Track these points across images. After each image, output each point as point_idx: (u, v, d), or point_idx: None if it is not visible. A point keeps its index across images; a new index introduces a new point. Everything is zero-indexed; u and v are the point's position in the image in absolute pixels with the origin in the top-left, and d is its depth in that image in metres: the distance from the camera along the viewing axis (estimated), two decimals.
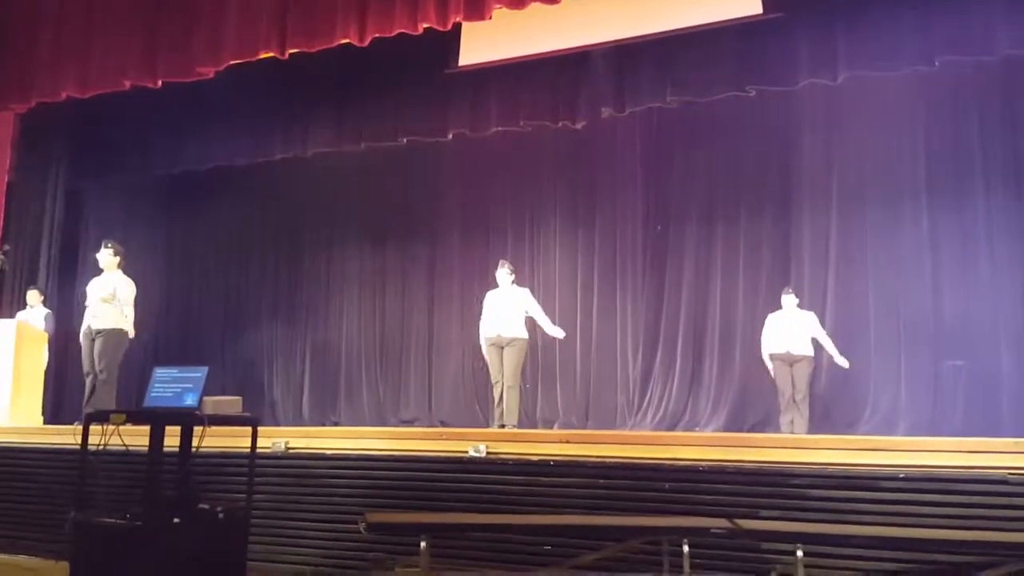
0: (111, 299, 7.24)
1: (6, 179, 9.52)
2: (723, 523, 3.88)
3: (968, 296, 7.69)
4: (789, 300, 7.75)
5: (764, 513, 4.22)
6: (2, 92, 8.25)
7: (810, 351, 7.63)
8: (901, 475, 4.12)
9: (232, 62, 7.31)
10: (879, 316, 8.06)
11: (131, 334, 7.39)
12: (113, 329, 7.24)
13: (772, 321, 7.83)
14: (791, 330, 7.68)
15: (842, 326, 8.19)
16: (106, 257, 7.40)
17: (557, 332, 7.78)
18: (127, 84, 7.68)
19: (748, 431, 8.02)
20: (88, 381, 7.28)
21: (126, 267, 7.57)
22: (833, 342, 7.84)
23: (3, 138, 9.48)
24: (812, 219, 8.48)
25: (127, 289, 7.37)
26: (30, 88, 8.06)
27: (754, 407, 8.32)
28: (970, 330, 7.58)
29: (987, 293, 7.61)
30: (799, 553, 3.63)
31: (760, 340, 7.86)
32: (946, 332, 7.74)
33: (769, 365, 7.77)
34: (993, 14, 6.29)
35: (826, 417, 7.91)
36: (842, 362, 7.61)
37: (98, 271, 7.53)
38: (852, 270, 8.26)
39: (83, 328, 7.38)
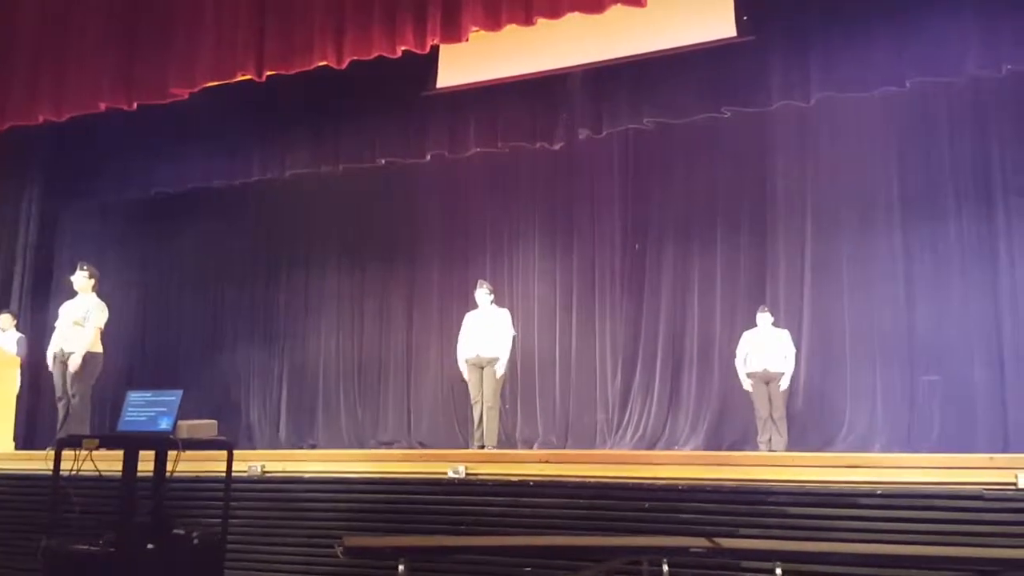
0: (83, 322, 7.16)
1: None
2: (702, 542, 3.88)
3: (942, 312, 7.78)
4: (764, 318, 7.82)
5: (743, 531, 4.23)
6: None
7: (785, 368, 7.68)
8: (878, 492, 4.14)
9: (208, 84, 7.30)
10: (854, 333, 8.13)
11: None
12: (86, 353, 7.15)
13: (747, 339, 7.89)
14: (766, 348, 7.73)
15: (818, 343, 8.26)
16: (81, 280, 7.32)
17: (500, 369, 7.63)
18: (102, 106, 7.64)
19: (727, 449, 8.04)
20: (61, 406, 7.16)
21: (100, 290, 7.50)
22: (809, 359, 7.90)
23: None
24: (787, 238, 8.56)
25: (99, 313, 7.28)
26: (4, 111, 8.00)
27: (733, 425, 8.35)
28: (944, 346, 7.67)
29: (960, 309, 7.70)
30: (778, 571, 3.63)
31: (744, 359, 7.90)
32: (920, 348, 7.82)
33: (746, 383, 7.80)
34: (963, 37, 6.40)
35: (803, 435, 7.94)
36: (783, 384, 7.68)
37: (71, 294, 7.44)
38: (827, 288, 8.34)
39: (53, 351, 7.25)
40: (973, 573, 3.73)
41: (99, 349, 7.25)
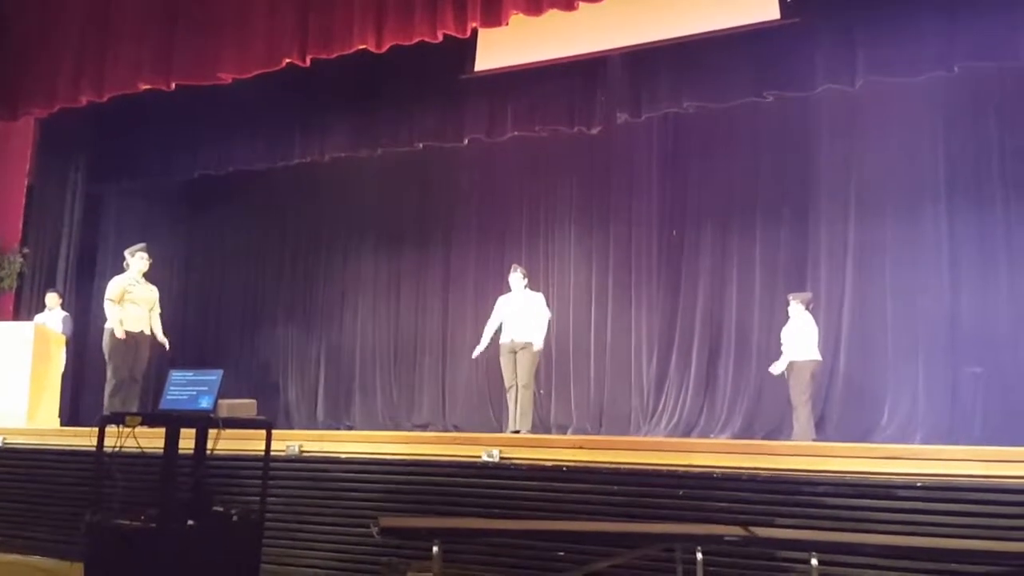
0: (154, 307, 7.32)
1: (26, 183, 9.62)
2: (737, 531, 3.85)
3: (987, 302, 7.61)
4: (793, 308, 7.67)
5: (779, 521, 4.19)
6: (27, 99, 8.36)
7: (801, 355, 7.49)
8: (918, 484, 4.07)
9: (258, 72, 7.37)
10: (896, 322, 8.00)
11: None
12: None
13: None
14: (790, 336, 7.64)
15: (859, 332, 8.14)
16: (147, 264, 7.37)
17: (537, 345, 7.53)
18: (143, 87, 7.77)
19: (763, 438, 7.97)
20: (121, 383, 7.11)
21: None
22: (849, 347, 7.98)
23: (23, 143, 9.59)
24: (829, 224, 8.42)
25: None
26: (53, 94, 8.15)
27: (769, 414, 8.27)
28: (989, 337, 7.51)
29: (1006, 299, 7.53)
30: (814, 562, 3.60)
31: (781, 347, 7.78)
32: (965, 339, 7.66)
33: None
34: (1014, 20, 6.23)
35: (841, 424, 7.85)
36: (776, 368, 7.60)
37: (115, 274, 7.53)
38: (870, 276, 8.20)
39: (131, 331, 7.14)
40: (1015, 568, 3.66)
41: None
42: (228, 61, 7.38)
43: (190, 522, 4.01)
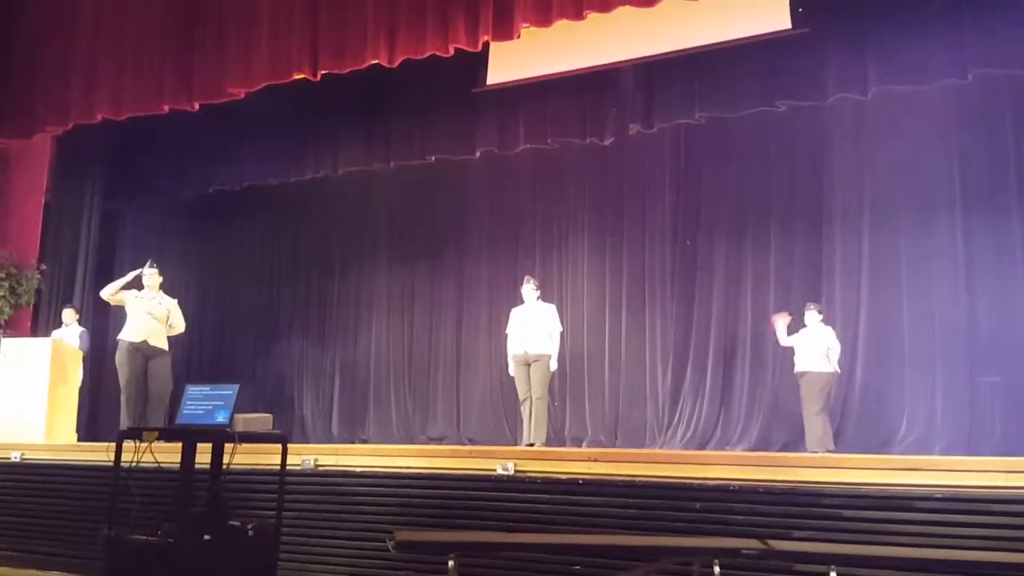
0: (164, 320, 7.33)
1: (43, 200, 9.72)
2: (755, 544, 3.82)
3: (1004, 311, 7.54)
4: (810, 316, 7.64)
5: (796, 534, 4.16)
6: (42, 115, 8.45)
7: (814, 367, 7.46)
8: (937, 495, 4.04)
9: (266, 84, 7.43)
10: (913, 332, 7.93)
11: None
12: (168, 351, 7.35)
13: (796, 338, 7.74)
14: (806, 346, 7.60)
15: (875, 342, 8.08)
16: (154, 277, 7.40)
17: (553, 364, 7.58)
18: (165, 108, 7.84)
19: (779, 450, 7.91)
20: (129, 395, 7.11)
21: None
22: (866, 358, 7.90)
23: (40, 160, 9.70)
24: (844, 234, 8.38)
25: (179, 315, 7.49)
26: (67, 111, 8.24)
27: (785, 426, 8.20)
28: (1007, 345, 7.43)
29: (1023, 307, 7.46)
30: (832, 575, 3.57)
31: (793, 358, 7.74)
32: (982, 348, 7.59)
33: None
34: None
35: (859, 436, 7.78)
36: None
37: (134, 287, 7.57)
38: (885, 285, 8.14)
39: (132, 341, 7.14)
40: None
41: None
42: (241, 77, 7.45)
43: (206, 536, 4.02)
